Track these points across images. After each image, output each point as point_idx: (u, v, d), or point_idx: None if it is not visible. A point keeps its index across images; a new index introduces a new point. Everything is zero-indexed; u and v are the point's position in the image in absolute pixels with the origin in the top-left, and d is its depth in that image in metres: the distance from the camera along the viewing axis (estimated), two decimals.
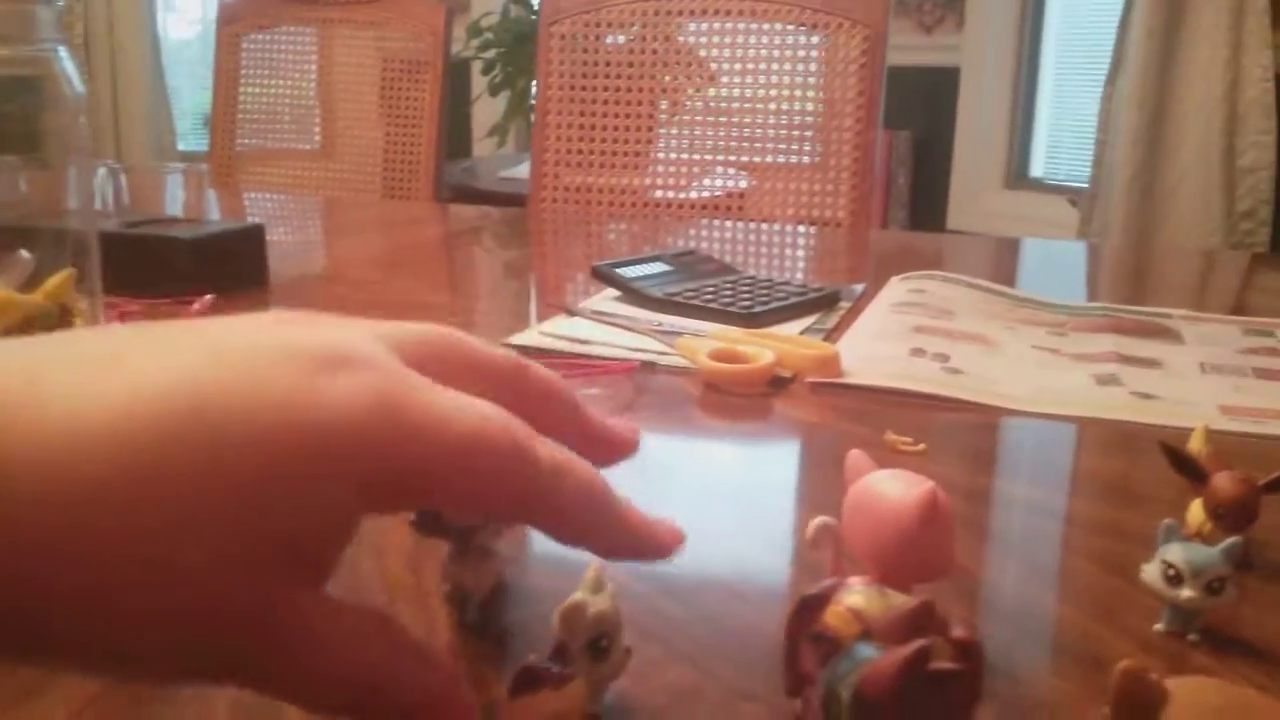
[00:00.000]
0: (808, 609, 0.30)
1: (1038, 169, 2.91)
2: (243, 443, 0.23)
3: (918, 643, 0.23)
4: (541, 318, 0.82)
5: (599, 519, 0.30)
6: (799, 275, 1.10)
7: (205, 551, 0.23)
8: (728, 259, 1.10)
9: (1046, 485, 0.55)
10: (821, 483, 0.55)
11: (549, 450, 0.28)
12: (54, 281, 0.50)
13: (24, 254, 0.50)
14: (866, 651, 0.25)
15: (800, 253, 1.24)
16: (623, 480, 0.54)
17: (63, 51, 0.51)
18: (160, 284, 0.81)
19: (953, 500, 0.50)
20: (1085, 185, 2.46)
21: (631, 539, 0.31)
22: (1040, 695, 0.35)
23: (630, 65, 1.55)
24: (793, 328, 0.80)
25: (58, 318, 0.48)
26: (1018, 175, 2.90)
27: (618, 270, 0.89)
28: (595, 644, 0.32)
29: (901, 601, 0.28)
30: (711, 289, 0.87)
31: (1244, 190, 2.14)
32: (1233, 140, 2.14)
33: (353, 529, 0.26)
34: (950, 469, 0.56)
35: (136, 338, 0.26)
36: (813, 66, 1.49)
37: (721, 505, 0.52)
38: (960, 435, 0.61)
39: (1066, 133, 2.86)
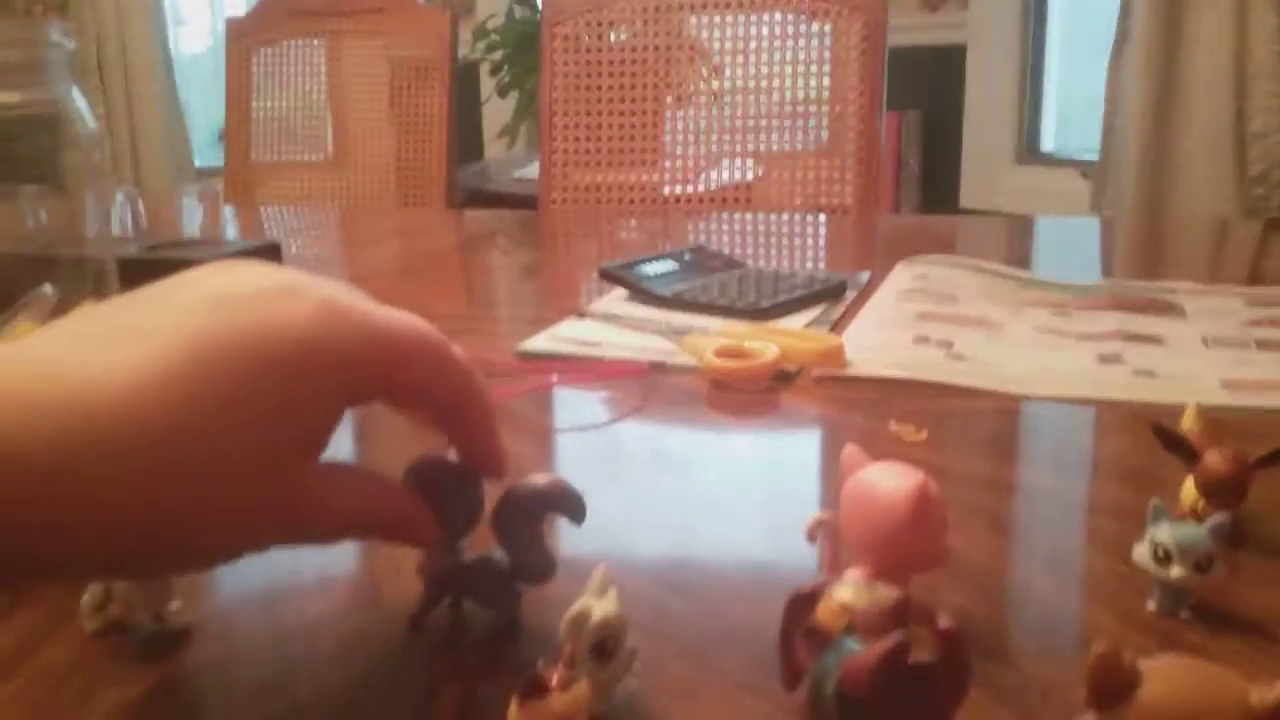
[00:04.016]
0: (800, 604, 0.31)
1: (1048, 143, 2.89)
2: (248, 365, 0.31)
3: (894, 637, 0.25)
4: (552, 322, 0.83)
5: (491, 420, 0.39)
6: (808, 265, 1.11)
7: (245, 455, 0.31)
8: (738, 252, 1.11)
9: (1048, 468, 0.56)
10: (826, 476, 0.56)
11: (461, 351, 0.38)
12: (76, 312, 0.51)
13: (47, 289, 0.52)
14: (851, 645, 0.27)
15: (810, 241, 1.25)
16: (631, 480, 0.56)
17: (75, 91, 0.53)
18: None
19: (954, 487, 0.52)
20: (1096, 158, 2.45)
21: (499, 449, 0.40)
22: (1032, 678, 0.36)
23: (634, 61, 1.56)
24: (799, 320, 0.81)
25: None
26: (1028, 150, 2.89)
27: (625, 271, 0.90)
28: (600, 647, 0.34)
29: (888, 596, 0.30)
30: (718, 285, 0.88)
31: (1255, 155, 2.13)
32: (1242, 105, 2.13)
33: (341, 411, 0.35)
34: (952, 456, 0.57)
35: (133, 307, 0.33)
36: (814, 54, 1.50)
37: (728, 502, 0.53)
38: (964, 421, 0.62)
39: (1075, 106, 2.85)
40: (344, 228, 1.47)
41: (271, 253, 0.90)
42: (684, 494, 0.54)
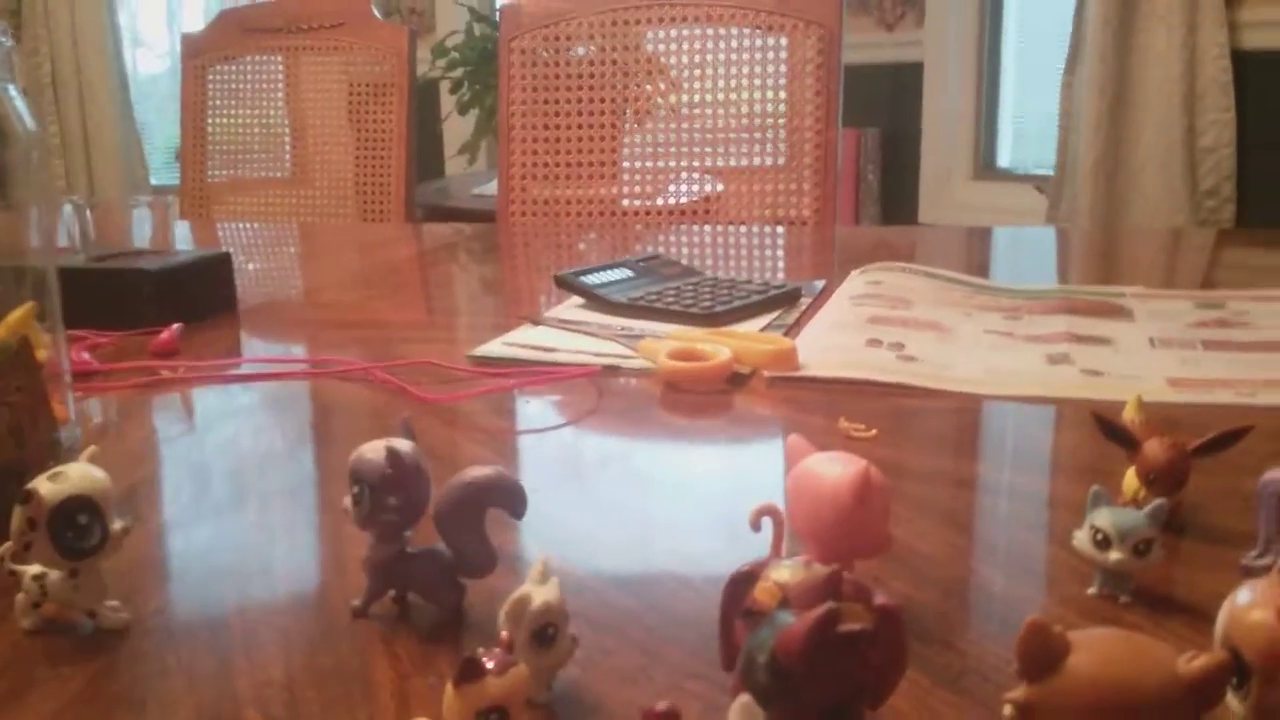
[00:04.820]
0: (738, 586, 0.31)
1: (1004, 159, 2.93)
2: None
3: (826, 605, 0.25)
4: (508, 328, 0.83)
5: None
6: (766, 275, 1.11)
7: None
8: (696, 263, 1.11)
9: (995, 462, 0.56)
10: (776, 472, 0.56)
11: None
12: (15, 316, 0.51)
13: None
14: (784, 618, 0.27)
15: (768, 252, 1.26)
16: (583, 480, 0.56)
17: (12, 90, 0.53)
18: (129, 316, 0.82)
19: (902, 480, 0.52)
20: (1052, 172, 2.48)
21: None
22: (973, 661, 0.36)
23: (593, 76, 1.57)
24: (753, 325, 0.82)
25: (18, 351, 0.48)
26: (985, 166, 2.92)
27: (580, 278, 0.90)
28: (540, 633, 0.33)
29: (820, 574, 0.30)
30: (673, 291, 0.88)
31: (1206, 169, 2.17)
32: (1193, 120, 2.17)
33: None
34: (901, 451, 0.57)
35: None
36: (771, 69, 1.51)
37: (678, 500, 0.53)
38: (913, 419, 0.63)
39: (1031, 121, 2.88)
40: (302, 241, 1.46)
41: (221, 262, 0.89)
42: (635, 493, 0.54)
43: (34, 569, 0.39)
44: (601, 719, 0.34)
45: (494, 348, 0.77)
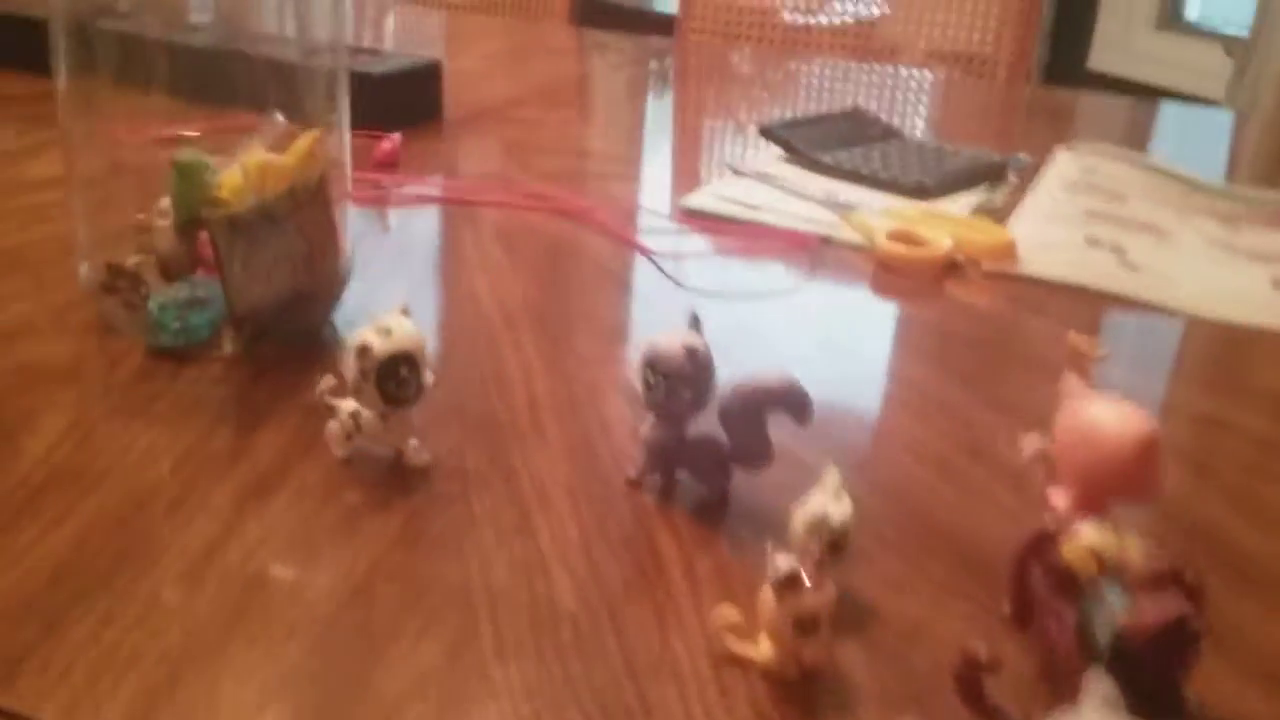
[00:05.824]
0: (1041, 543, 0.34)
1: (1194, 10, 2.74)
2: None
3: (1179, 607, 0.27)
4: (708, 178, 0.83)
5: None
6: (956, 134, 1.08)
7: None
8: (882, 114, 1.09)
9: (1228, 398, 0.56)
10: (1012, 381, 0.57)
11: None
12: (303, 143, 0.53)
13: (279, 118, 0.53)
14: (1116, 597, 0.29)
15: (955, 106, 1.22)
16: (806, 359, 0.57)
17: None
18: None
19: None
20: (1244, 33, 2.32)
21: None
22: (1228, 618, 0.38)
23: None
24: (962, 200, 0.81)
25: (316, 188, 0.51)
26: (1172, 16, 2.73)
27: (785, 131, 0.90)
28: (835, 545, 0.36)
29: (1133, 543, 0.32)
30: (879, 156, 0.87)
31: None
32: None
33: None
34: (1132, 375, 0.57)
35: None
36: None
37: (911, 395, 0.55)
38: (1138, 339, 0.63)
39: None
40: (471, 42, 1.45)
41: (431, 70, 0.90)
42: (862, 379, 0.56)
43: (350, 405, 0.43)
44: (879, 626, 0.37)
45: (704, 200, 0.78)
